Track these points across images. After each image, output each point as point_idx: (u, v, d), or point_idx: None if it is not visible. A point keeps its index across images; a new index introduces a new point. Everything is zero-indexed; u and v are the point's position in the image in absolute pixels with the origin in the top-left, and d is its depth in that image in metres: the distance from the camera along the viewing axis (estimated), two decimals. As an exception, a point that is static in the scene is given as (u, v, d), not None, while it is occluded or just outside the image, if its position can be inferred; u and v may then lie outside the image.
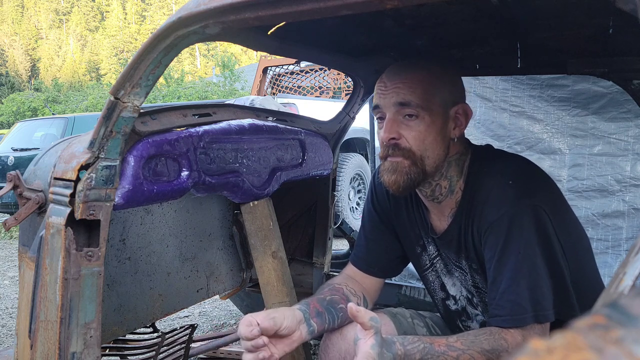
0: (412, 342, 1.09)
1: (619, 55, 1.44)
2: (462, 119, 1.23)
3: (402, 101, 1.17)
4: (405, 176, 1.18)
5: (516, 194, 1.15)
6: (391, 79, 1.20)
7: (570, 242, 1.18)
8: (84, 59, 75.74)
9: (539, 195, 1.17)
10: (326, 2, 0.81)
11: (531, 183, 1.20)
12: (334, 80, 7.06)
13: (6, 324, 3.61)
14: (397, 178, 1.19)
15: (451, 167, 1.24)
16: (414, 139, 1.17)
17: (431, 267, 1.40)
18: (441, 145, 1.20)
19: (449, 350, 1.09)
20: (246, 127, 1.53)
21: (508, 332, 1.12)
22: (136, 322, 1.56)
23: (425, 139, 1.18)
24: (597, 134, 2.79)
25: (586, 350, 0.23)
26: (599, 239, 2.75)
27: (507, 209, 1.14)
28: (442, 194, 1.26)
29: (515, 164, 1.26)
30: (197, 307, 3.65)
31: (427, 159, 1.19)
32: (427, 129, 1.18)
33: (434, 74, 1.21)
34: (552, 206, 1.17)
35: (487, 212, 1.17)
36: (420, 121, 1.17)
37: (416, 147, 1.18)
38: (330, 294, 1.31)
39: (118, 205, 1.15)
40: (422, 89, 1.17)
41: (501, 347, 1.10)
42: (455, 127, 1.23)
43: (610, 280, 0.40)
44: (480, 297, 1.30)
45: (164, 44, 1.00)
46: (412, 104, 1.16)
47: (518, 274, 1.11)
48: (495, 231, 1.15)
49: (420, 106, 1.16)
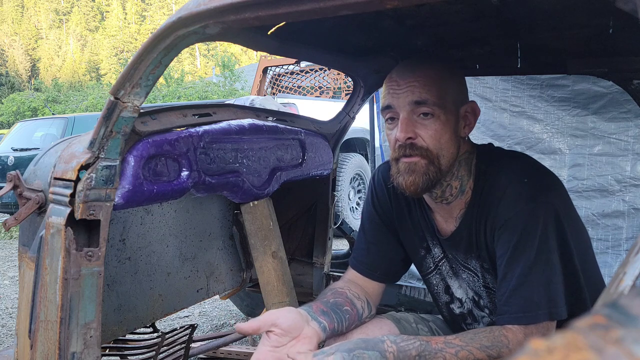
0: (407, 340, 1.08)
1: (619, 55, 1.44)
2: (471, 117, 1.23)
3: (419, 99, 1.15)
4: (424, 176, 1.16)
5: (532, 192, 1.14)
6: (404, 77, 1.18)
7: (578, 241, 1.18)
8: (84, 59, 75.74)
9: (553, 193, 1.16)
10: (326, 2, 0.81)
11: (545, 182, 1.20)
12: (334, 80, 7.06)
13: (6, 324, 3.61)
14: (415, 179, 1.16)
15: (461, 167, 1.23)
16: (430, 138, 1.15)
17: (435, 270, 1.39)
18: (454, 143, 1.20)
19: (447, 347, 1.08)
20: (246, 127, 1.53)
21: (509, 329, 1.11)
22: (136, 322, 1.56)
23: (442, 138, 1.16)
24: (597, 134, 2.79)
25: (586, 350, 0.24)
26: (599, 239, 2.75)
27: (523, 206, 1.13)
28: (452, 194, 1.24)
29: (526, 162, 1.25)
30: (197, 307, 3.65)
31: (443, 157, 1.17)
32: (443, 128, 1.16)
33: (445, 72, 1.20)
34: (564, 204, 1.17)
35: (502, 209, 1.16)
36: (436, 119, 1.16)
37: (433, 146, 1.16)
38: (334, 297, 1.29)
39: (118, 205, 1.15)
40: (437, 87, 1.16)
41: (501, 343, 1.09)
42: (465, 125, 1.22)
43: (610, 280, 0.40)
44: (490, 298, 1.29)
45: (164, 44, 1.00)
46: (429, 101, 1.14)
47: (532, 270, 1.10)
48: (510, 228, 1.14)
49: (437, 104, 1.15)
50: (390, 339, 1.07)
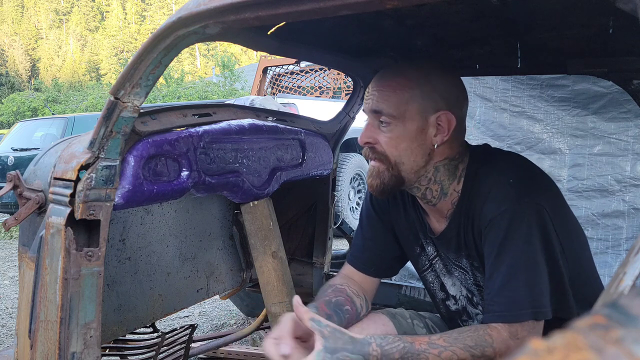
0: (392, 342, 1.08)
1: (619, 55, 1.44)
2: (445, 126, 1.21)
3: (375, 109, 1.21)
4: (379, 180, 1.23)
5: (517, 192, 1.15)
6: (372, 85, 1.25)
7: (569, 240, 1.18)
8: (84, 59, 75.73)
9: (540, 193, 1.17)
10: (326, 2, 0.81)
11: (532, 181, 1.20)
12: (334, 80, 7.06)
13: (6, 324, 3.61)
14: (372, 182, 1.24)
15: (439, 172, 1.25)
16: (387, 145, 1.21)
17: (430, 268, 1.40)
18: (418, 151, 1.21)
19: (430, 348, 1.08)
20: (246, 127, 1.53)
21: (494, 328, 1.11)
22: (136, 322, 1.56)
23: (398, 145, 1.20)
24: (597, 134, 2.79)
25: (586, 350, 0.24)
26: (599, 239, 2.75)
27: (508, 206, 1.14)
28: (434, 197, 1.26)
29: (514, 163, 1.26)
30: (197, 307, 3.65)
31: (402, 165, 1.21)
32: (400, 136, 1.20)
33: (413, 81, 1.21)
34: (552, 204, 1.17)
35: (487, 209, 1.17)
36: (392, 128, 1.20)
37: (389, 153, 1.21)
38: (335, 296, 1.31)
39: (118, 205, 1.15)
40: (396, 97, 1.20)
41: (485, 342, 1.09)
42: (437, 134, 1.22)
43: (610, 280, 0.40)
44: (482, 296, 1.30)
45: (164, 44, 1.00)
46: (384, 112, 1.20)
47: (517, 270, 1.11)
48: (496, 227, 1.15)
49: (392, 115, 1.19)
50: (377, 342, 1.07)
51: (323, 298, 1.30)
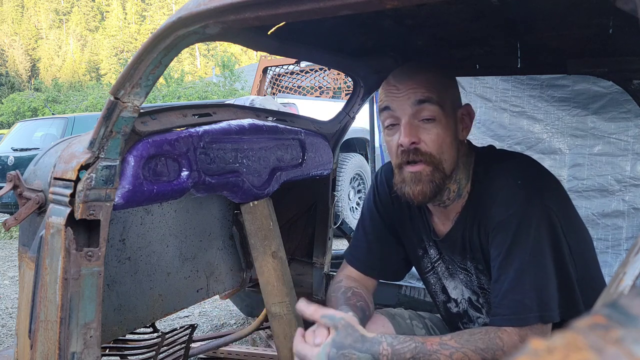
0: (403, 342, 1.08)
1: (619, 55, 1.44)
2: (468, 120, 1.23)
3: (422, 98, 1.14)
4: (431, 184, 1.16)
5: (526, 194, 1.14)
6: (403, 82, 1.17)
7: (576, 241, 1.17)
8: (84, 59, 75.70)
9: (548, 195, 1.16)
10: (326, 2, 0.81)
11: (540, 183, 1.19)
12: (334, 80, 7.06)
13: (6, 324, 3.61)
14: (423, 188, 1.16)
15: (460, 170, 1.22)
16: (433, 142, 1.15)
17: (432, 271, 1.39)
18: (454, 147, 1.19)
19: (442, 349, 1.08)
20: (246, 127, 1.53)
21: (504, 331, 1.11)
22: (136, 322, 1.56)
23: (443, 142, 1.16)
24: (597, 134, 2.79)
25: (586, 350, 0.24)
26: (599, 239, 2.75)
27: (516, 209, 1.13)
28: (449, 198, 1.24)
29: (522, 164, 1.25)
30: (197, 307, 3.65)
31: (445, 162, 1.17)
32: (445, 132, 1.16)
33: (442, 76, 1.20)
34: (560, 206, 1.16)
35: (495, 211, 1.16)
36: (437, 123, 1.15)
37: (435, 151, 1.15)
38: (357, 300, 1.28)
39: (118, 205, 1.15)
40: (438, 88, 1.16)
41: (496, 345, 1.09)
42: (463, 128, 1.22)
43: (610, 280, 0.40)
44: (486, 298, 1.29)
45: (164, 44, 1.00)
46: (432, 99, 1.14)
47: (525, 273, 1.10)
48: (504, 230, 1.13)
49: (439, 103, 1.14)
50: (387, 341, 1.07)
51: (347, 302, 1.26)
